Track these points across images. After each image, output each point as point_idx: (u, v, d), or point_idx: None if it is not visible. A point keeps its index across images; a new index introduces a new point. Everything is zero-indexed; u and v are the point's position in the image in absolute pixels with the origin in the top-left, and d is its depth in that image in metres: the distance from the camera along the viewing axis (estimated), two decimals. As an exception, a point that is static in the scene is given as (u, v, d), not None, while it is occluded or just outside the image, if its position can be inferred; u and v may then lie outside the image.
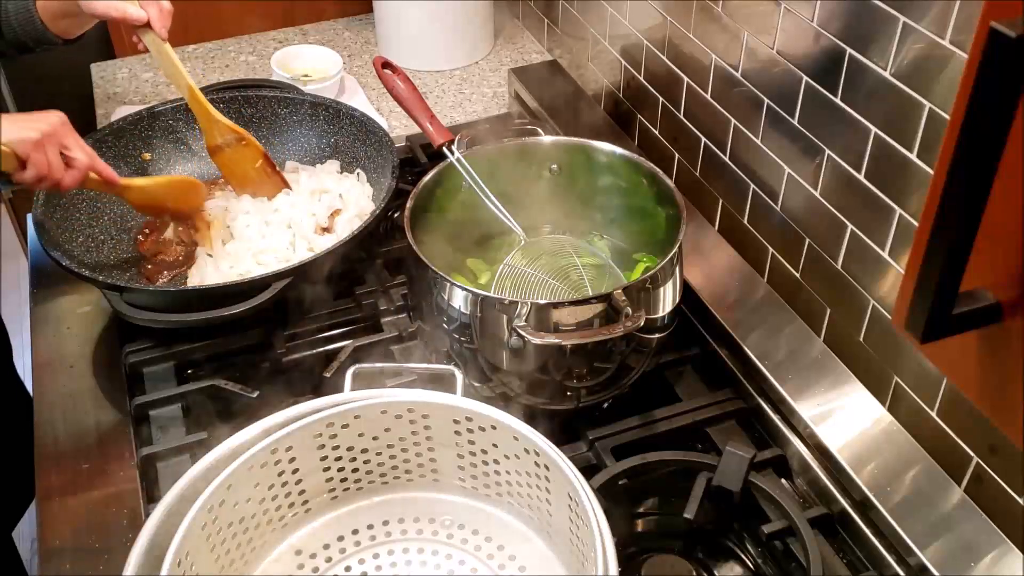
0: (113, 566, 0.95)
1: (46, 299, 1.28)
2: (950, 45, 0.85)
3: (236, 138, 1.38)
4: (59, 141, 1.14)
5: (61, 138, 1.14)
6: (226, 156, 1.38)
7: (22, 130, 1.10)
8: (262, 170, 1.39)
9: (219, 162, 1.39)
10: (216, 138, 1.38)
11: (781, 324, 1.15)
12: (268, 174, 1.39)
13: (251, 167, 1.39)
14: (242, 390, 1.15)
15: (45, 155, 1.12)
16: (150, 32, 1.31)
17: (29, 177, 1.12)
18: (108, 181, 1.22)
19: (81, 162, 1.16)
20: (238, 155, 1.38)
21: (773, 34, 1.09)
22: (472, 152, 1.20)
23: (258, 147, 1.39)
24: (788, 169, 1.12)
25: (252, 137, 1.39)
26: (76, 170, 1.16)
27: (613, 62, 1.49)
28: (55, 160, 1.13)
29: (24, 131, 1.10)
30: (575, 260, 1.17)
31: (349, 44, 1.87)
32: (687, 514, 0.97)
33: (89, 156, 1.18)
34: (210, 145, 1.38)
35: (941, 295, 0.46)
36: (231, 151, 1.38)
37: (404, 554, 0.95)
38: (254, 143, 1.39)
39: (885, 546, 0.96)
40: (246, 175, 1.39)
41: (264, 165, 1.39)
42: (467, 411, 0.88)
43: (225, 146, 1.38)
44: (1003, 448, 0.90)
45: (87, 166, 1.17)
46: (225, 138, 1.38)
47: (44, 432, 1.11)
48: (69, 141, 1.16)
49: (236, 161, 1.38)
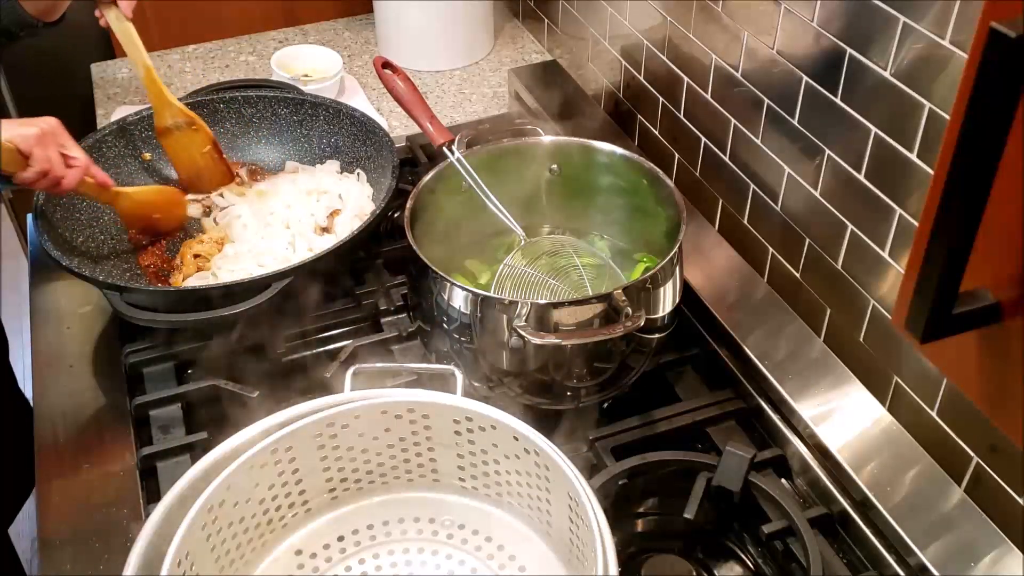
0: (113, 566, 0.95)
1: (46, 299, 1.28)
2: (950, 45, 0.85)
3: (187, 122, 1.39)
4: (57, 140, 1.16)
5: (59, 137, 1.16)
6: (174, 139, 1.39)
7: (22, 127, 1.12)
8: (209, 156, 1.40)
9: (166, 145, 1.40)
10: (167, 119, 1.39)
11: (781, 324, 1.15)
12: (215, 160, 1.41)
13: (198, 152, 1.40)
14: (242, 390, 1.15)
15: (46, 152, 1.14)
16: (114, 8, 1.33)
17: (31, 174, 1.13)
18: (102, 184, 1.24)
19: (80, 161, 1.18)
20: (186, 139, 1.39)
21: (773, 34, 1.09)
22: (472, 152, 1.20)
23: (208, 133, 1.40)
24: (788, 169, 1.12)
25: (204, 124, 1.40)
26: (76, 168, 1.17)
27: (613, 62, 1.49)
28: (56, 157, 1.15)
29: (24, 128, 1.12)
30: (575, 260, 1.17)
31: (349, 44, 1.87)
32: (687, 514, 0.97)
33: (86, 158, 1.20)
34: (159, 127, 1.39)
35: (941, 295, 0.46)
36: (180, 134, 1.39)
37: (404, 554, 0.95)
38: (204, 129, 1.40)
39: (885, 546, 0.96)
40: (192, 160, 1.40)
41: (211, 152, 1.40)
42: (467, 411, 0.88)
43: (175, 128, 1.39)
44: (1003, 448, 0.90)
45: (86, 164, 1.19)
46: (176, 120, 1.39)
47: (44, 432, 1.11)
48: (66, 141, 1.17)
49: (184, 146, 1.40)
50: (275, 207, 1.34)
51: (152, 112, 1.41)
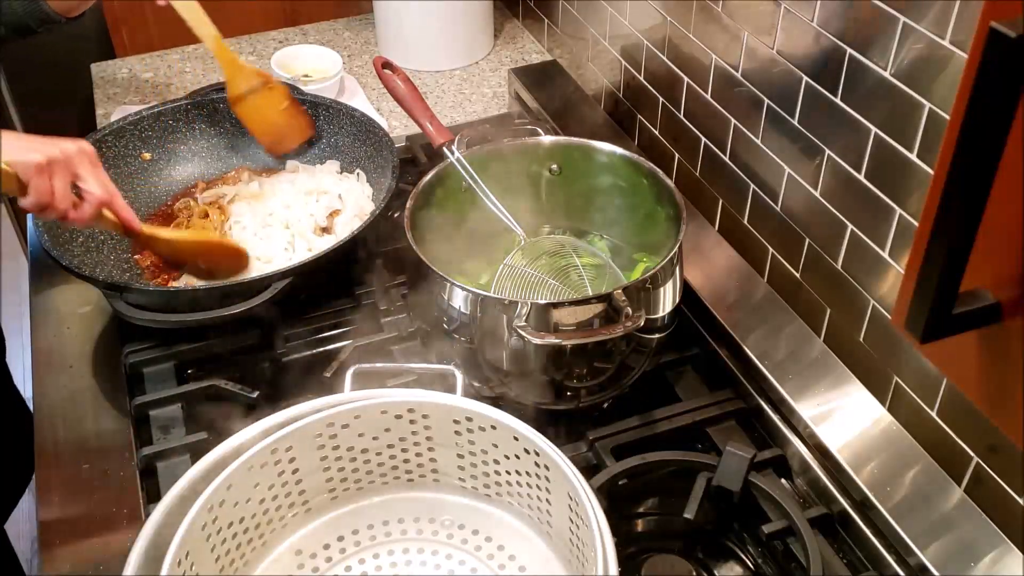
0: (113, 566, 0.95)
1: (46, 299, 1.28)
2: (950, 45, 0.85)
3: (262, 83, 1.37)
4: (71, 170, 1.05)
5: (74, 167, 1.05)
6: (249, 104, 1.37)
7: (27, 151, 1.02)
8: (287, 113, 1.38)
9: (242, 112, 1.38)
10: (241, 86, 1.37)
11: (781, 324, 1.15)
12: (293, 115, 1.39)
13: (276, 111, 1.38)
14: (242, 390, 1.15)
15: (50, 182, 1.03)
16: None
17: (29, 204, 1.04)
18: (126, 226, 1.13)
19: (93, 197, 1.07)
20: (262, 100, 1.37)
21: (773, 34, 1.09)
22: (472, 152, 1.20)
23: (283, 88, 1.38)
24: (788, 169, 1.12)
25: (275, 80, 1.38)
26: (87, 204, 1.07)
27: (613, 62, 1.49)
28: (61, 190, 1.04)
29: (29, 152, 1.02)
30: (575, 260, 1.17)
31: (349, 44, 1.87)
32: (687, 514, 0.97)
33: (107, 193, 1.09)
34: (233, 95, 1.37)
35: (941, 295, 0.46)
36: (255, 97, 1.37)
37: (404, 554, 0.95)
38: (279, 85, 1.38)
39: (885, 546, 0.96)
40: (271, 121, 1.38)
41: (290, 107, 1.38)
42: (467, 411, 0.88)
43: (249, 93, 1.37)
44: (1003, 448, 0.90)
45: (100, 203, 1.08)
46: (250, 84, 1.37)
47: (44, 432, 1.11)
48: (84, 172, 1.06)
49: (260, 108, 1.38)
50: (274, 207, 1.34)
51: (152, 112, 1.41)
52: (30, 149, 1.02)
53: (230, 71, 1.36)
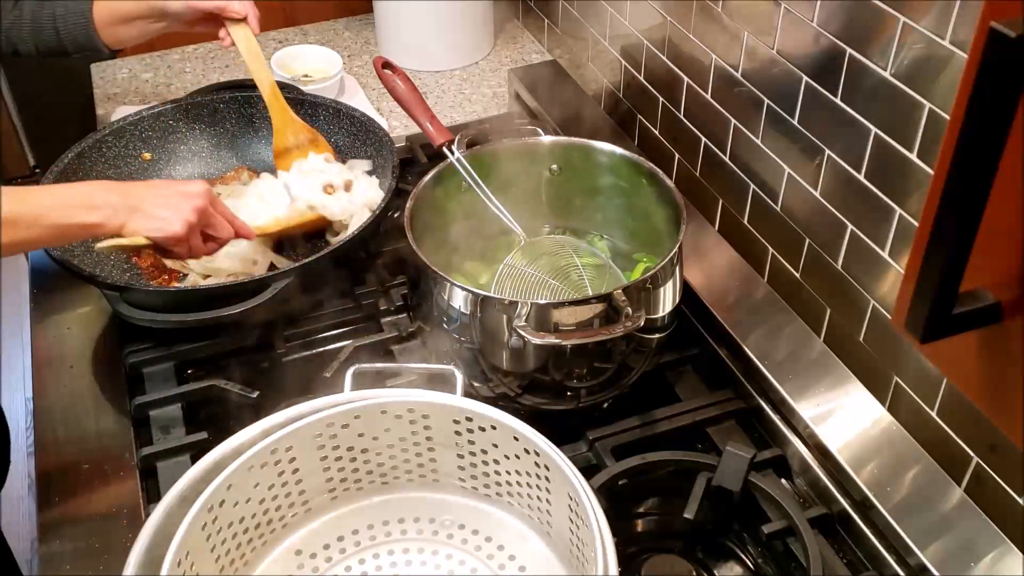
0: (113, 566, 0.95)
1: (46, 299, 1.28)
2: (950, 45, 0.85)
3: (309, 138, 1.37)
4: (203, 223, 1.07)
5: (206, 220, 1.07)
6: (292, 159, 1.36)
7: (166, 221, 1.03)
8: None
9: (283, 165, 1.37)
10: (288, 139, 1.36)
11: (781, 324, 1.15)
12: None
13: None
14: (242, 390, 1.15)
15: (187, 244, 1.06)
16: (244, 26, 1.31)
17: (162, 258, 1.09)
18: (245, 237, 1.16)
19: (221, 240, 1.11)
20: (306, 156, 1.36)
21: (773, 34, 1.09)
22: (472, 152, 1.20)
23: (327, 147, 1.38)
24: (788, 169, 1.12)
25: (322, 137, 1.37)
26: (215, 244, 1.11)
27: (613, 62, 1.49)
28: (196, 245, 1.07)
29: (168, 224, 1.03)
30: (575, 260, 1.17)
31: (349, 44, 1.87)
32: (687, 514, 0.97)
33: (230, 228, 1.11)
34: (279, 147, 1.36)
35: (941, 295, 0.46)
36: (299, 152, 1.36)
37: (404, 554, 0.95)
38: (324, 143, 1.38)
39: (885, 546, 0.96)
40: None
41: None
42: (467, 411, 0.88)
43: (295, 148, 1.36)
44: (1003, 448, 0.90)
45: (227, 240, 1.12)
46: (298, 138, 1.36)
47: (44, 432, 1.11)
48: (215, 221, 1.09)
49: None
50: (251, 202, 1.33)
51: (152, 112, 1.41)
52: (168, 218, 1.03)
53: (280, 122, 1.35)
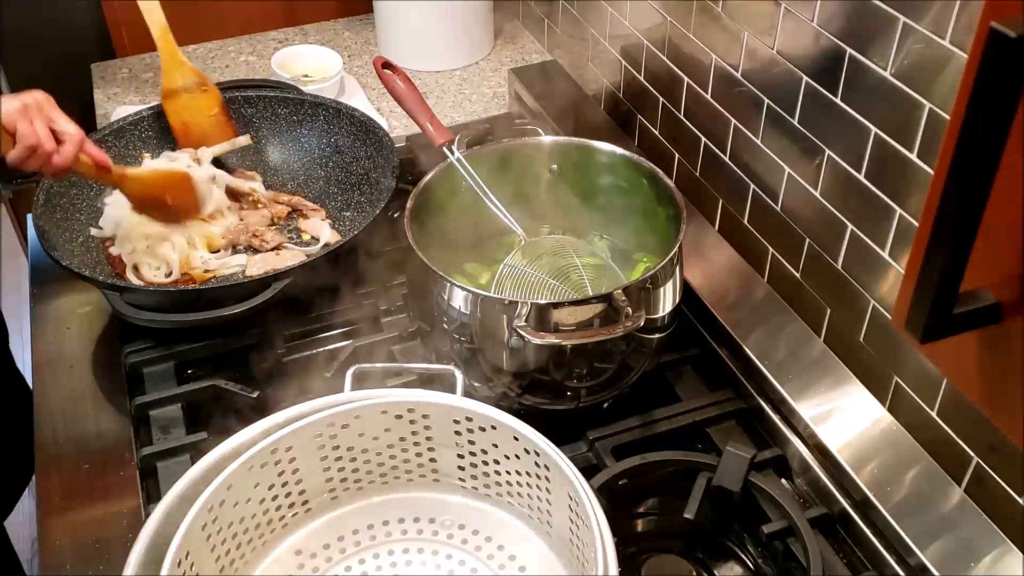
0: (113, 566, 0.95)
1: (46, 299, 1.28)
2: (950, 45, 0.85)
3: (197, 82, 1.38)
4: (45, 114, 1.10)
5: (47, 111, 1.10)
6: (181, 102, 1.38)
7: (4, 102, 1.07)
8: (216, 119, 1.39)
9: (171, 108, 1.39)
10: (177, 80, 1.37)
11: (781, 324, 1.15)
12: (221, 123, 1.40)
13: (205, 115, 1.39)
14: (242, 390, 1.15)
15: (32, 126, 1.08)
16: None
17: (19, 152, 1.08)
18: (99, 164, 1.17)
19: (72, 135, 1.12)
20: (195, 101, 1.38)
21: (773, 34, 1.09)
22: (472, 152, 1.20)
23: (217, 94, 1.39)
24: (788, 169, 1.12)
25: (213, 85, 1.39)
26: (68, 144, 1.11)
27: (613, 62, 1.49)
28: (44, 131, 1.09)
29: (6, 103, 1.07)
30: (575, 260, 1.17)
31: (349, 44, 1.87)
32: (687, 514, 0.97)
33: (78, 132, 1.13)
34: (168, 88, 1.38)
35: (941, 295, 0.46)
36: (188, 96, 1.38)
37: (404, 554, 0.95)
38: (214, 90, 1.39)
39: (885, 546, 0.96)
40: (199, 124, 1.38)
41: (219, 113, 1.39)
42: (467, 411, 0.88)
43: (183, 90, 1.38)
44: (1003, 448, 0.90)
45: (78, 140, 1.13)
46: (186, 81, 1.38)
47: (44, 432, 1.11)
48: (56, 115, 1.11)
49: (191, 108, 1.38)
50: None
51: (152, 112, 1.41)
52: (5, 101, 1.07)
53: (169, 64, 1.37)
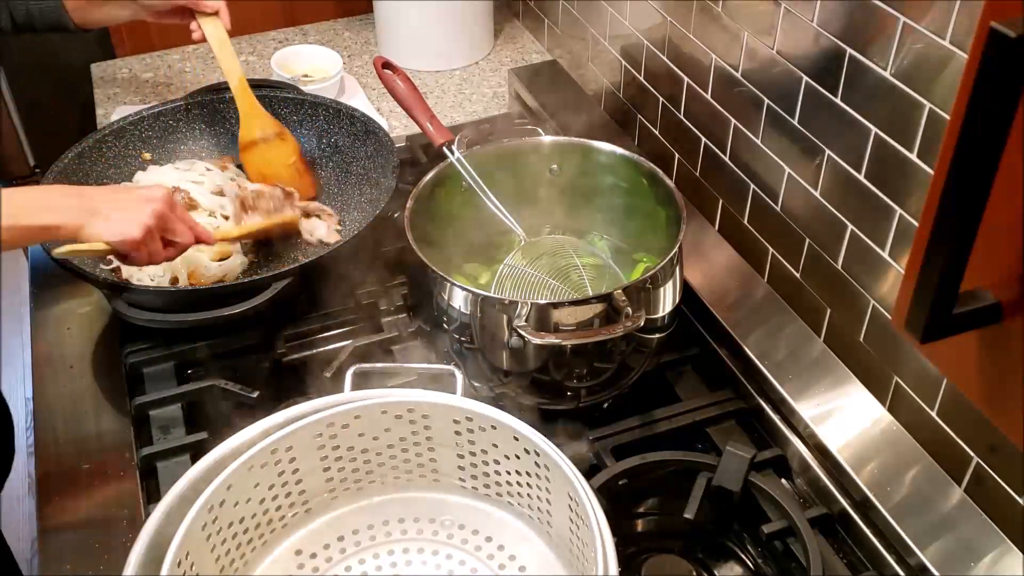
0: (113, 566, 0.95)
1: (46, 299, 1.28)
2: (950, 45, 0.85)
3: (276, 132, 1.36)
4: (163, 226, 1.06)
5: (165, 225, 1.06)
6: (258, 152, 1.36)
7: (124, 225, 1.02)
8: (293, 168, 1.37)
9: (248, 159, 1.37)
10: (255, 132, 1.35)
11: (781, 324, 1.15)
12: (300, 173, 1.38)
13: (283, 164, 1.36)
14: (242, 390, 1.15)
15: (147, 249, 1.05)
16: (214, 19, 1.32)
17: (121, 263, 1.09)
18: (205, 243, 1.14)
19: (183, 246, 1.10)
20: (272, 152, 1.36)
21: (773, 34, 1.09)
22: (472, 152, 1.20)
23: (294, 143, 1.37)
24: (788, 169, 1.12)
25: (290, 133, 1.37)
26: (175, 250, 1.10)
27: (613, 62, 1.49)
28: (156, 250, 1.06)
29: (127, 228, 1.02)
30: (575, 260, 1.17)
31: (349, 44, 1.87)
32: (687, 514, 0.97)
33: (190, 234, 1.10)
34: (245, 139, 1.36)
35: (941, 295, 0.46)
36: (266, 147, 1.36)
37: (404, 554, 0.95)
38: (291, 139, 1.37)
39: (885, 546, 0.96)
40: (276, 174, 1.35)
41: (297, 163, 1.37)
42: (467, 411, 0.88)
43: (261, 141, 1.36)
44: (1003, 448, 0.90)
45: (188, 246, 1.10)
46: (264, 132, 1.36)
47: (44, 432, 1.11)
48: (175, 226, 1.07)
49: (268, 159, 1.36)
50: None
51: (152, 112, 1.41)
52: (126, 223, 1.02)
53: (247, 115, 1.35)
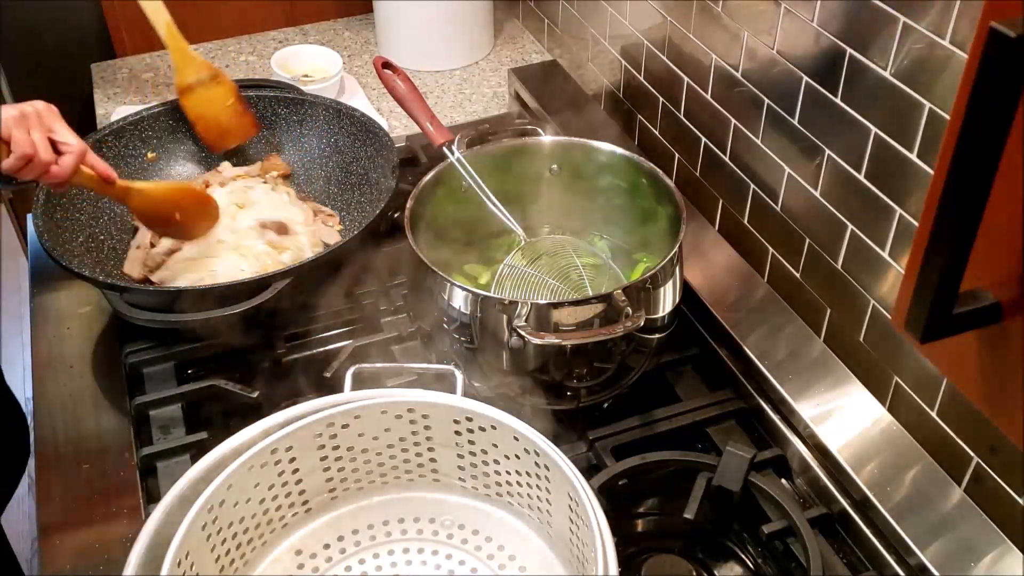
0: (113, 566, 0.95)
1: (46, 299, 1.28)
2: (950, 45, 0.85)
3: (210, 75, 1.39)
4: (45, 124, 1.05)
5: (47, 121, 1.06)
6: (197, 96, 1.38)
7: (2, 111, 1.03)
8: (232, 109, 1.39)
9: (187, 103, 1.39)
10: (190, 75, 1.38)
11: (781, 324, 1.15)
12: (239, 113, 1.40)
13: (221, 106, 1.39)
14: (242, 390, 1.15)
15: (29, 135, 1.04)
16: None
17: (13, 161, 1.03)
18: (103, 177, 1.12)
19: (72, 147, 1.07)
20: (210, 94, 1.39)
21: (773, 34, 1.09)
22: (472, 152, 1.20)
23: (231, 85, 1.40)
24: (788, 169, 1.12)
25: (226, 75, 1.40)
26: (67, 155, 1.06)
27: (613, 62, 1.49)
28: (41, 142, 1.05)
29: (4, 112, 1.03)
30: (575, 260, 1.17)
31: (349, 44, 1.87)
32: (687, 514, 0.97)
33: (80, 144, 1.09)
34: (181, 84, 1.39)
35: (941, 295, 0.46)
36: (203, 90, 1.38)
37: (404, 554, 0.95)
38: (227, 81, 1.40)
39: (885, 546, 0.96)
40: (216, 117, 1.39)
41: (235, 103, 1.39)
42: (467, 411, 0.88)
43: (197, 84, 1.38)
44: (1003, 448, 0.90)
45: (79, 152, 1.08)
46: (199, 75, 1.38)
47: (44, 432, 1.11)
48: (56, 125, 1.07)
49: (207, 101, 1.39)
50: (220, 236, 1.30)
51: (152, 112, 1.41)
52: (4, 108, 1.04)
53: (180, 61, 1.37)
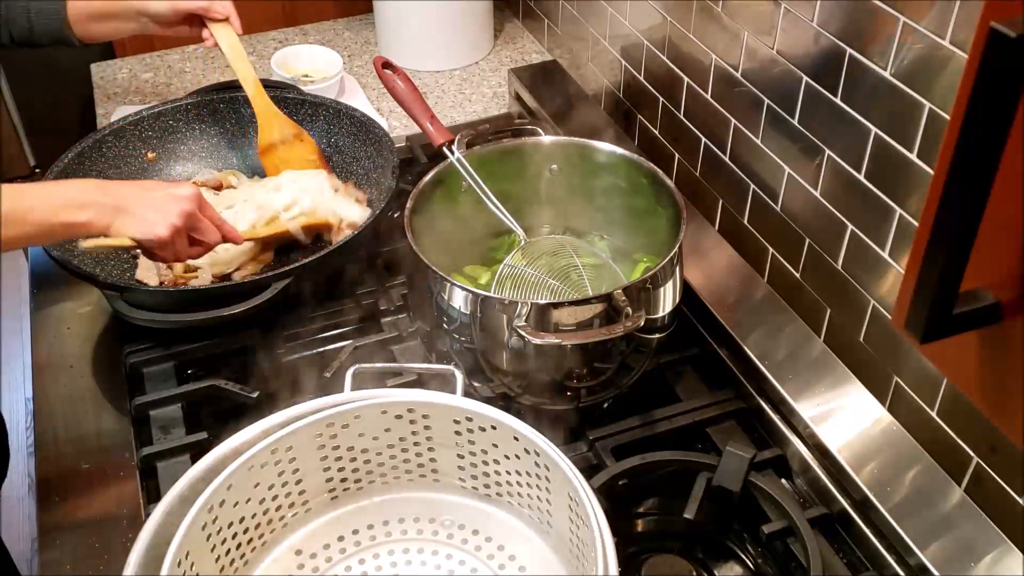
0: (113, 566, 0.95)
1: (46, 299, 1.28)
2: (950, 45, 0.85)
3: (294, 134, 1.37)
4: (189, 226, 1.08)
5: (192, 224, 1.08)
6: (278, 154, 1.36)
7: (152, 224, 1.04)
8: (313, 165, 1.37)
9: (268, 161, 1.37)
10: (273, 134, 1.36)
11: (781, 324, 1.15)
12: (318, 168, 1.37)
13: (301, 163, 1.37)
14: (242, 390, 1.15)
15: (173, 248, 1.07)
16: (226, 25, 1.33)
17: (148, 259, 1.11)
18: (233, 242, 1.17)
19: (208, 245, 1.12)
20: (292, 153, 1.37)
21: (773, 34, 1.09)
22: (472, 152, 1.20)
23: (313, 144, 1.38)
24: (788, 169, 1.12)
25: (308, 134, 1.38)
26: (202, 248, 1.12)
27: (613, 62, 1.49)
28: (182, 249, 1.08)
29: (154, 226, 1.04)
30: (575, 260, 1.17)
31: (349, 44, 1.87)
32: (687, 514, 0.97)
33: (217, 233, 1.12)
34: (264, 143, 1.37)
35: (941, 295, 0.46)
36: (285, 148, 1.36)
37: (404, 554, 0.95)
38: (309, 140, 1.38)
39: (885, 546, 0.96)
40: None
41: (316, 161, 1.38)
42: (467, 411, 0.88)
43: (280, 143, 1.36)
44: (1003, 448, 0.90)
45: (214, 245, 1.13)
46: (283, 134, 1.36)
47: (44, 433, 1.11)
48: (199, 224, 1.09)
49: (288, 160, 1.37)
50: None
51: (152, 112, 1.41)
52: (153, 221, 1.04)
53: (264, 118, 1.35)
